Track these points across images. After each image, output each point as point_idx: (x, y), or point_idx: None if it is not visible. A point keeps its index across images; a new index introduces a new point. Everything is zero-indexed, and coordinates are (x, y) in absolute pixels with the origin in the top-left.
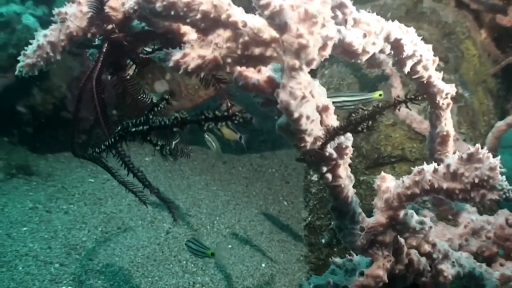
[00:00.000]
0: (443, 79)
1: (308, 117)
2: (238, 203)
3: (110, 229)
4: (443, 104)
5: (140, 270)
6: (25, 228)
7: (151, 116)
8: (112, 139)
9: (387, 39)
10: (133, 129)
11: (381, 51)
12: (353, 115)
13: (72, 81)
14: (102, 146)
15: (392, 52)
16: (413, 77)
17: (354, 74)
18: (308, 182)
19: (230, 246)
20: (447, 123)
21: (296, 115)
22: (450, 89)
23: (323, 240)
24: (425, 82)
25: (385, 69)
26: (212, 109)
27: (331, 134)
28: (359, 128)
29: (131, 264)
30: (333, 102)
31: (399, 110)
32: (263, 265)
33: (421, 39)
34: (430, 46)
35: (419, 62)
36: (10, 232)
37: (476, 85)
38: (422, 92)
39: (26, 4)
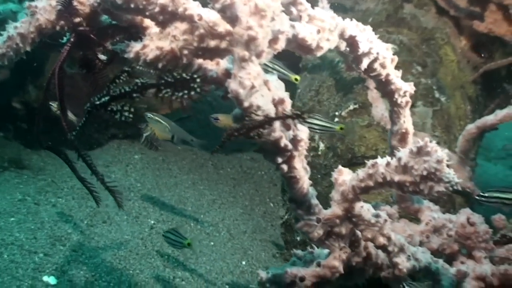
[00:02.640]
0: (419, 83)
1: (258, 107)
2: (223, 203)
3: (95, 222)
4: (401, 102)
5: (122, 263)
6: (12, 219)
7: (112, 87)
8: (85, 117)
9: (341, 35)
10: (97, 102)
11: (337, 47)
12: (247, 119)
13: (66, 79)
14: (77, 128)
15: (348, 49)
16: (371, 74)
17: (333, 77)
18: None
19: (212, 243)
20: (406, 121)
21: (246, 104)
22: (409, 87)
23: (298, 238)
24: (383, 80)
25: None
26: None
27: (227, 135)
28: (251, 134)
29: (114, 256)
30: None
31: (287, 123)
32: (244, 262)
33: (400, 44)
34: (388, 45)
35: (375, 59)
36: None
37: (453, 90)
38: (381, 90)
39: (22, 4)
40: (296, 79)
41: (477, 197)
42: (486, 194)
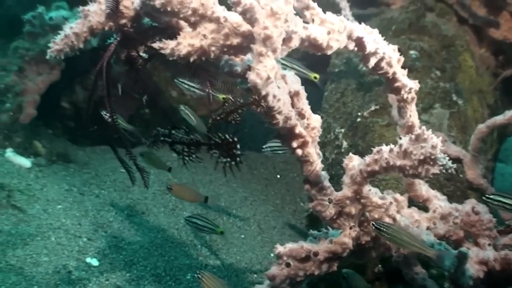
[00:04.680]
0: (438, 87)
1: (274, 96)
2: (255, 200)
3: (135, 213)
4: (407, 97)
5: (158, 250)
6: (59, 206)
7: (173, 132)
8: (152, 139)
9: (350, 37)
10: (162, 138)
11: (346, 47)
12: (226, 106)
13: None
14: (147, 141)
15: (356, 48)
16: (379, 72)
17: (357, 80)
18: None
19: (243, 236)
20: (412, 115)
21: (263, 92)
22: (414, 84)
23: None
24: (390, 77)
25: None
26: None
27: (212, 120)
28: (229, 119)
29: (151, 244)
30: None
31: (258, 109)
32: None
33: (421, 50)
34: (395, 47)
35: (382, 59)
36: (46, 208)
37: (471, 94)
38: (389, 87)
39: (73, 10)
40: (315, 77)
41: (483, 198)
42: (491, 196)
